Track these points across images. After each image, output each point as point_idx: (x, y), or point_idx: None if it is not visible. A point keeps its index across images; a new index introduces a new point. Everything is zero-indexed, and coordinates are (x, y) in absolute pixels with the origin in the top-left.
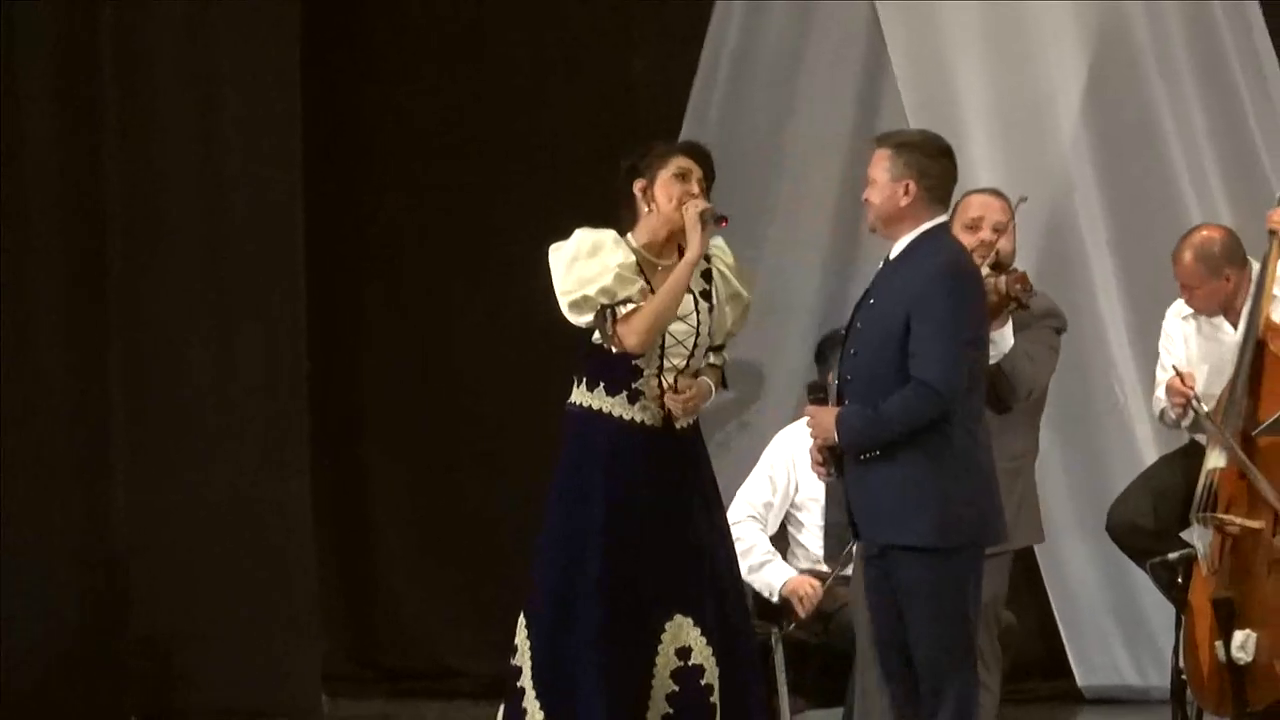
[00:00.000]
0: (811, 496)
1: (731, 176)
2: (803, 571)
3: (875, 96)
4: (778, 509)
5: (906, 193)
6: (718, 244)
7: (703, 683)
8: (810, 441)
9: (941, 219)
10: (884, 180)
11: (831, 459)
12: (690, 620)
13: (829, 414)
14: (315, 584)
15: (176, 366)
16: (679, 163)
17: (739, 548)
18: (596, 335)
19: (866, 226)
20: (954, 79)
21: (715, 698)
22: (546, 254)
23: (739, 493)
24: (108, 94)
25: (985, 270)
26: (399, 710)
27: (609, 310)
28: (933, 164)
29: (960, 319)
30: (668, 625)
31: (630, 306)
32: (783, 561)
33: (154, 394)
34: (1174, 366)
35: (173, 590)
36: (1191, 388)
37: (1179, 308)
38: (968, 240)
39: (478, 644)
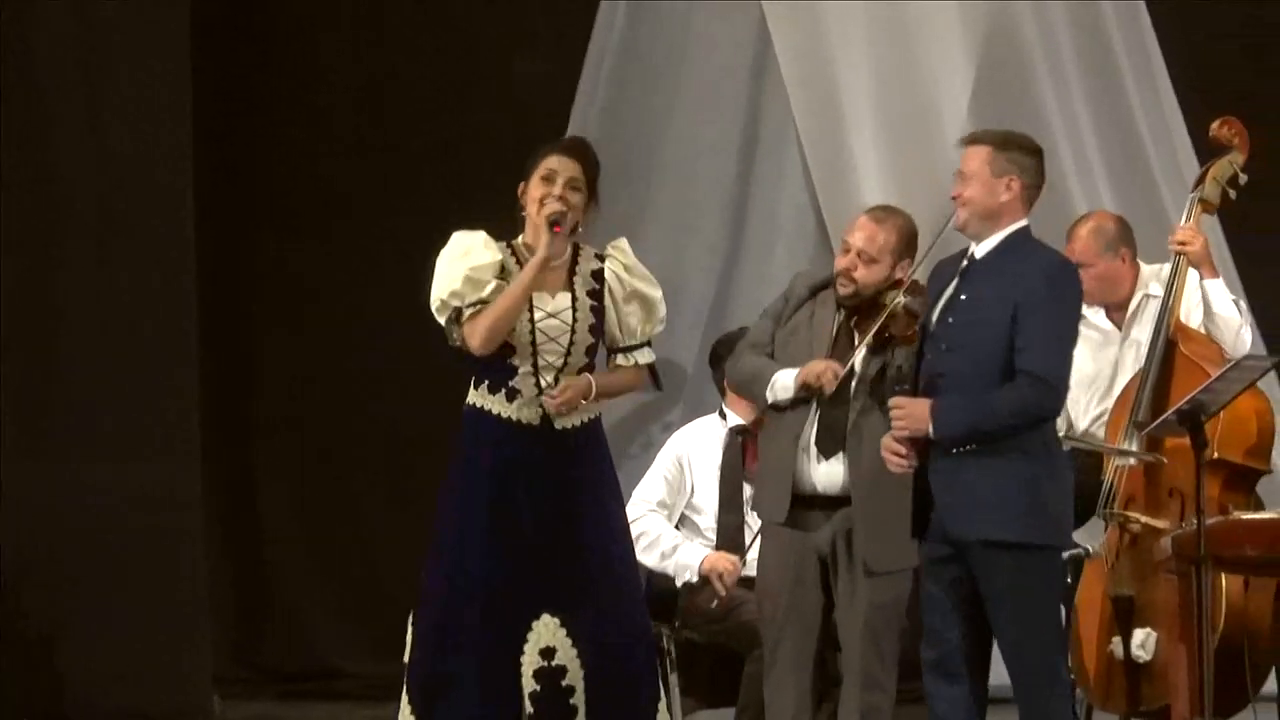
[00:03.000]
0: (705, 499)
1: (616, 177)
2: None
3: (761, 97)
4: (674, 508)
5: (1008, 189)
6: (618, 245)
7: (564, 684)
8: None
9: (1026, 221)
10: (985, 176)
11: (913, 451)
12: (558, 621)
13: (921, 404)
14: (205, 585)
15: (64, 361)
16: (547, 163)
17: (644, 540)
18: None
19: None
20: (840, 79)
21: (578, 700)
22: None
23: (635, 492)
24: None
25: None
26: (286, 712)
27: (456, 312)
28: (1031, 162)
29: (1070, 318)
30: (534, 624)
31: (477, 309)
32: (693, 543)
33: (40, 388)
34: None
35: (62, 591)
36: None
37: None
38: (839, 261)
39: (365, 645)
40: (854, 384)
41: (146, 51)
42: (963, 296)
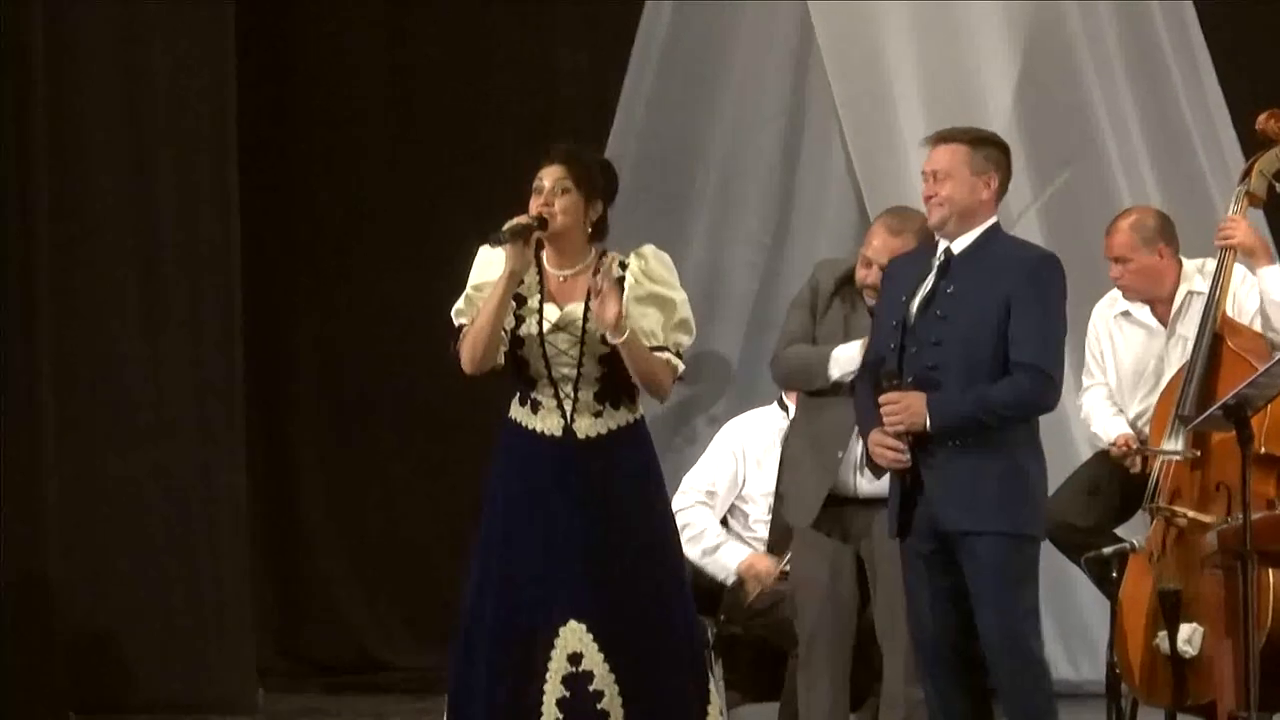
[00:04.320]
0: (761, 491)
1: (661, 171)
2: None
3: (805, 90)
4: (723, 498)
5: (987, 187)
6: (641, 251)
7: (591, 689)
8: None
9: (996, 218)
10: (965, 175)
11: (908, 446)
12: (584, 626)
13: (918, 399)
14: (248, 577)
15: (108, 360)
16: (538, 174)
17: (688, 533)
18: None
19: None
20: (885, 72)
21: (607, 704)
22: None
23: (684, 481)
24: (36, 83)
25: None
26: (331, 704)
27: (460, 330)
28: (1004, 159)
29: (1058, 310)
30: (562, 630)
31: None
32: (736, 542)
33: (85, 388)
34: (1111, 442)
35: (107, 585)
36: (1128, 444)
37: (1107, 304)
38: (860, 274)
39: (409, 638)
40: None
41: (188, 49)
42: (949, 290)
